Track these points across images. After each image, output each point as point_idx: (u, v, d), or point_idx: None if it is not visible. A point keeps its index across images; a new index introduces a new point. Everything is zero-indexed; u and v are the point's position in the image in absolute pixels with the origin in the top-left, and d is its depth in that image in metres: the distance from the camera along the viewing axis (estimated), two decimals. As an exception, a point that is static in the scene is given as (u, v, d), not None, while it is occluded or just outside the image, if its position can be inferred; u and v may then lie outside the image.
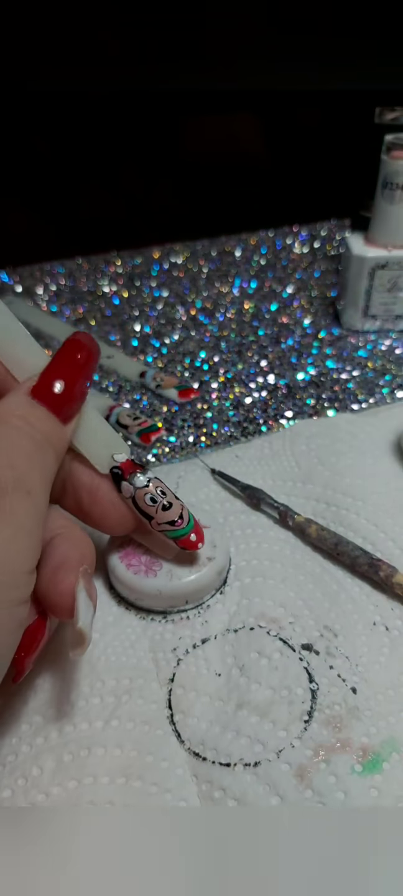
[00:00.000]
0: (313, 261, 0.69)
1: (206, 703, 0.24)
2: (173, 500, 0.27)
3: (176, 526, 0.26)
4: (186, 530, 0.26)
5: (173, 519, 0.26)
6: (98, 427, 0.26)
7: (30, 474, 0.21)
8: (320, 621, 0.27)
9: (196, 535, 0.27)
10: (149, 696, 0.24)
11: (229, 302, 0.60)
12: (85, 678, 0.25)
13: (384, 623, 0.27)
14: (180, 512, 0.27)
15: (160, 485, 0.27)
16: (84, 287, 0.66)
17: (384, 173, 0.48)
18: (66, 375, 0.24)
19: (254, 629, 0.27)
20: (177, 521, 0.26)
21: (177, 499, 0.27)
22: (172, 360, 0.51)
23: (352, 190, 0.64)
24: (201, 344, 0.53)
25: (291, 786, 0.21)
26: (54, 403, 0.23)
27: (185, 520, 0.27)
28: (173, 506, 0.26)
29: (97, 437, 0.26)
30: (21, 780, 0.22)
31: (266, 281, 0.65)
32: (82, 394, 0.25)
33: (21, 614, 0.20)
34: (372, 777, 0.21)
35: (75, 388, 0.24)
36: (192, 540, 0.27)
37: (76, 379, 0.24)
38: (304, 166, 1.30)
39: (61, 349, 0.24)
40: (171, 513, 0.26)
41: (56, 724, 0.23)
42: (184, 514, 0.27)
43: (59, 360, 0.24)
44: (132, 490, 0.26)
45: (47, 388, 0.23)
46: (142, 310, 0.60)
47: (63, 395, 0.23)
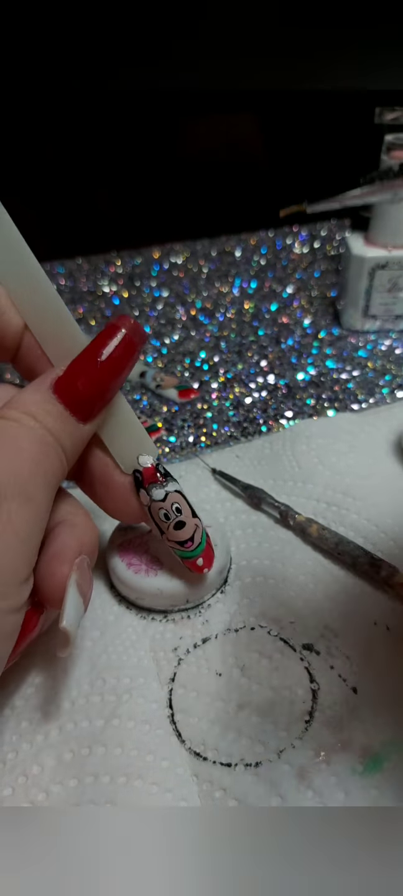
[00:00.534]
0: (313, 261, 0.69)
1: (207, 703, 0.24)
2: (188, 518, 0.26)
3: (185, 547, 0.26)
4: (194, 553, 0.26)
5: (183, 539, 0.25)
6: (127, 423, 0.25)
7: (33, 480, 0.20)
8: (321, 621, 0.27)
9: (203, 560, 0.26)
10: (150, 695, 0.24)
11: (229, 302, 0.60)
12: (86, 676, 0.25)
13: (385, 623, 0.27)
14: (192, 534, 0.26)
15: (178, 500, 0.25)
16: (84, 287, 0.66)
17: (384, 173, 0.48)
18: (95, 372, 0.22)
19: (255, 629, 0.26)
20: (187, 542, 0.26)
21: (195, 517, 0.26)
22: (172, 360, 0.51)
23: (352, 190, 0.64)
24: (201, 344, 0.53)
25: (292, 786, 0.21)
26: (75, 402, 0.22)
27: (196, 542, 0.26)
28: (186, 526, 0.25)
29: (125, 433, 0.25)
30: (21, 779, 0.22)
31: (266, 281, 0.65)
32: (112, 392, 0.23)
33: (13, 623, 0.20)
34: (373, 777, 0.21)
35: (103, 388, 0.22)
36: (198, 564, 0.26)
37: (106, 378, 0.22)
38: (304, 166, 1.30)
39: (97, 339, 0.23)
40: (182, 533, 0.25)
41: (56, 722, 0.23)
42: (195, 537, 0.26)
43: (91, 353, 0.22)
44: (148, 501, 0.25)
45: (71, 385, 0.22)
46: (142, 310, 0.60)
47: (86, 395, 0.22)
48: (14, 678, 0.25)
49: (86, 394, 0.22)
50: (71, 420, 0.22)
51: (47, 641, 0.25)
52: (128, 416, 0.25)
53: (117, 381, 0.23)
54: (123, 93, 1.14)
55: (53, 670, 0.25)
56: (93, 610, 0.28)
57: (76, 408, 0.22)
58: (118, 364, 0.22)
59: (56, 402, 0.21)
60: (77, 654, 0.26)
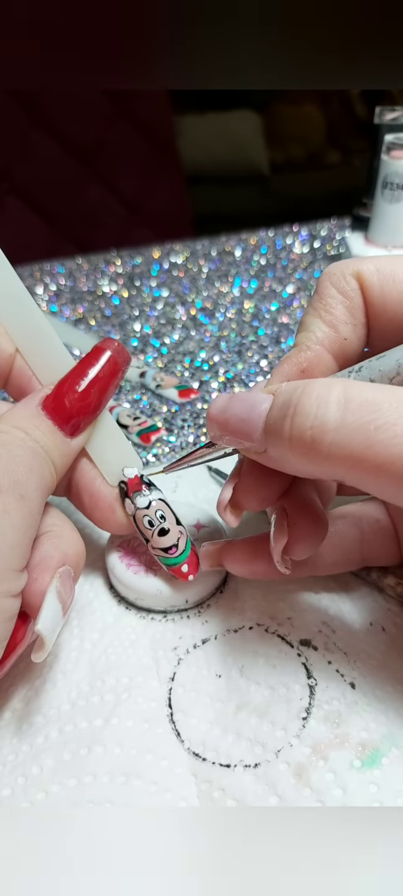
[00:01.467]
0: (313, 261, 0.69)
1: (207, 704, 0.24)
2: (172, 525, 0.26)
3: (169, 553, 0.26)
4: (178, 560, 0.26)
5: (167, 546, 0.26)
6: (112, 437, 0.26)
7: (26, 482, 0.21)
8: (318, 617, 0.27)
9: (188, 567, 0.26)
10: (149, 694, 0.24)
11: (229, 302, 0.61)
12: (85, 678, 0.25)
13: (380, 623, 0.27)
14: (176, 540, 0.26)
15: (161, 507, 0.26)
16: (84, 287, 0.66)
17: (384, 173, 0.48)
18: (82, 390, 0.24)
19: (253, 628, 0.27)
20: (171, 548, 0.26)
21: (179, 524, 0.27)
22: (172, 360, 0.51)
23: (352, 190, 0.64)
24: (201, 344, 0.53)
25: (290, 785, 0.21)
26: (63, 418, 0.23)
27: (180, 549, 0.26)
28: (170, 532, 0.26)
29: (110, 448, 0.26)
30: (21, 779, 0.22)
31: (266, 281, 0.65)
32: (97, 409, 0.24)
33: (10, 608, 0.20)
34: (371, 772, 0.21)
35: (89, 405, 0.24)
36: (183, 571, 0.26)
37: (92, 395, 0.24)
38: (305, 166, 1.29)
39: (84, 360, 0.24)
40: (166, 539, 0.26)
41: (56, 724, 0.23)
42: (179, 543, 0.26)
43: (78, 373, 0.24)
44: (133, 509, 0.26)
45: (58, 402, 0.23)
46: (142, 310, 0.60)
47: (73, 411, 0.23)
48: (14, 681, 0.25)
49: (73, 411, 0.23)
50: (59, 435, 0.23)
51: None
52: (113, 431, 0.26)
53: (102, 400, 0.24)
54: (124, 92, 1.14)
55: (53, 673, 0.25)
56: (92, 611, 0.28)
57: (64, 423, 0.23)
58: (103, 384, 0.24)
59: (45, 417, 0.23)
60: (77, 656, 0.26)
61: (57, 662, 0.26)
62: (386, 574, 0.27)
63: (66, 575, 0.23)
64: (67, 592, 0.23)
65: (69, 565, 0.23)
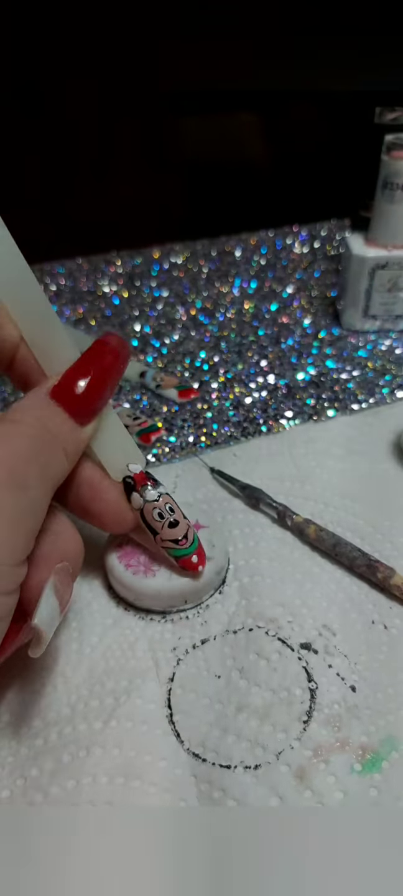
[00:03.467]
0: (313, 261, 0.69)
1: (206, 704, 0.24)
2: (180, 518, 0.27)
3: (179, 545, 0.26)
4: (189, 551, 0.27)
5: (177, 538, 0.26)
6: (116, 433, 0.26)
7: (27, 471, 0.21)
8: (318, 620, 0.27)
9: (198, 557, 0.27)
10: (148, 695, 0.24)
11: (229, 302, 0.60)
12: (84, 682, 0.25)
13: (382, 622, 0.27)
14: (185, 531, 0.27)
15: (169, 501, 0.27)
16: (84, 287, 0.66)
17: (384, 173, 0.48)
18: (89, 379, 0.24)
19: (253, 630, 0.26)
20: (181, 540, 0.26)
21: (185, 518, 0.27)
22: (172, 360, 0.51)
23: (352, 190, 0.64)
24: (201, 344, 0.53)
25: (291, 787, 0.21)
26: (72, 406, 0.23)
27: (190, 540, 0.27)
28: (179, 524, 0.27)
29: (114, 443, 0.26)
30: (20, 781, 0.22)
31: (266, 281, 0.65)
32: (104, 398, 0.25)
33: (5, 605, 0.20)
34: (372, 776, 0.21)
35: (97, 393, 0.24)
36: (193, 561, 0.27)
37: (99, 383, 0.24)
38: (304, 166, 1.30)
39: (89, 350, 0.25)
40: (177, 531, 0.26)
41: (55, 727, 0.23)
42: (188, 535, 0.27)
43: (85, 362, 0.24)
44: (142, 502, 0.26)
45: (67, 390, 0.23)
46: (142, 310, 0.60)
47: (82, 399, 0.23)
48: (13, 684, 0.25)
49: (83, 397, 0.23)
50: (70, 423, 0.23)
51: (47, 650, 0.25)
52: (117, 427, 0.26)
53: (108, 389, 0.25)
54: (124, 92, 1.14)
55: (53, 677, 0.25)
56: (91, 612, 0.28)
57: (75, 410, 0.23)
58: (108, 372, 0.24)
59: (55, 405, 0.23)
60: (76, 659, 0.26)
61: (56, 666, 0.26)
62: (393, 574, 0.27)
63: (65, 572, 0.23)
64: (65, 589, 0.22)
65: (68, 563, 0.23)
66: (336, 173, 0.82)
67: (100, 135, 1.17)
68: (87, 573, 0.30)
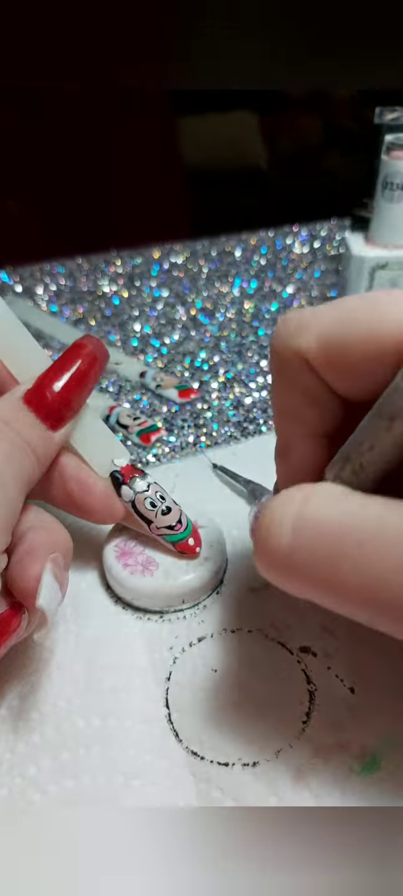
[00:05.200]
0: (313, 261, 0.69)
1: (203, 699, 0.24)
2: (172, 504, 0.27)
3: (175, 530, 0.27)
4: (185, 534, 0.27)
5: (172, 523, 0.27)
6: (98, 431, 0.26)
7: (5, 471, 0.21)
8: (318, 622, 0.27)
9: (194, 540, 0.27)
10: (147, 695, 0.24)
11: (229, 302, 0.60)
12: (82, 675, 0.25)
13: (382, 623, 0.26)
14: (179, 516, 0.27)
15: (159, 489, 0.27)
16: (84, 287, 0.66)
17: (384, 173, 0.48)
18: (62, 384, 0.24)
19: (252, 632, 0.26)
20: (176, 525, 0.27)
21: (175, 503, 0.27)
22: (172, 360, 0.51)
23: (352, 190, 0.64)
24: (201, 344, 0.53)
25: (289, 786, 0.21)
26: (44, 411, 0.23)
27: (184, 524, 0.27)
28: (172, 510, 0.27)
29: (97, 441, 0.26)
30: (18, 779, 0.22)
31: (266, 281, 0.65)
32: (78, 403, 0.25)
33: None
34: (371, 777, 0.21)
35: (70, 398, 0.24)
36: (190, 544, 0.27)
37: (72, 388, 0.24)
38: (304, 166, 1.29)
39: (63, 355, 0.25)
40: (170, 517, 0.27)
41: (53, 723, 0.23)
42: (182, 519, 0.27)
43: (58, 367, 0.24)
44: (132, 494, 0.26)
45: (39, 396, 0.24)
46: (142, 310, 0.60)
47: (54, 404, 0.24)
48: (9, 677, 0.25)
49: (54, 403, 0.24)
50: (41, 427, 0.23)
51: (43, 643, 0.25)
52: (97, 426, 0.27)
53: (83, 394, 0.25)
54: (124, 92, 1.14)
55: (49, 669, 0.25)
56: (89, 610, 0.28)
57: (46, 416, 0.24)
58: (83, 377, 0.25)
59: (27, 410, 0.23)
60: (73, 653, 0.26)
61: (53, 657, 0.26)
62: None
63: (59, 561, 0.23)
64: (62, 574, 0.23)
65: (58, 552, 0.23)
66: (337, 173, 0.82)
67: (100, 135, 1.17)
68: (85, 571, 0.30)
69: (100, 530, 0.31)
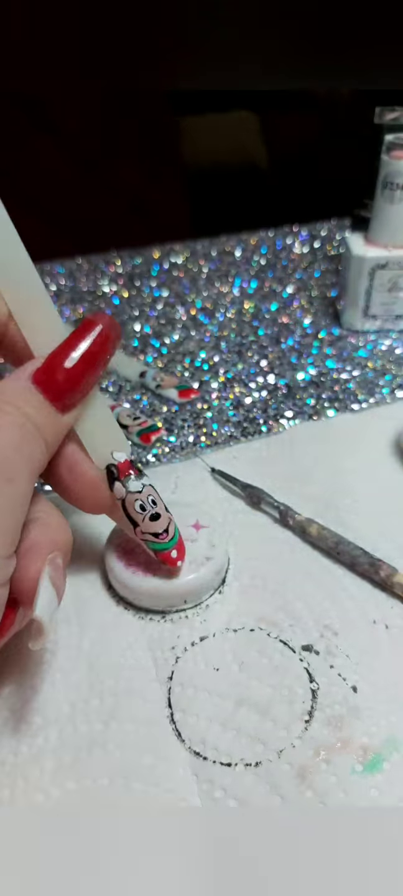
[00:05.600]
0: (313, 261, 0.69)
1: (205, 698, 0.24)
2: (162, 511, 0.26)
3: (159, 539, 0.26)
4: (168, 545, 0.26)
5: (158, 531, 0.26)
6: (103, 419, 0.25)
7: (14, 462, 0.21)
8: (320, 621, 0.27)
9: (177, 553, 0.26)
10: (149, 695, 0.24)
11: (229, 302, 0.60)
12: (84, 679, 0.25)
13: (384, 621, 0.26)
14: (166, 525, 0.26)
15: (152, 493, 0.26)
16: (84, 287, 0.66)
17: (384, 173, 0.48)
18: (74, 364, 0.23)
19: (254, 630, 0.26)
20: (162, 534, 0.26)
21: (167, 511, 0.26)
22: (172, 360, 0.50)
23: (352, 190, 0.64)
24: (201, 344, 0.53)
25: (292, 786, 0.21)
26: (54, 393, 0.22)
27: (170, 534, 0.26)
28: (161, 517, 0.26)
29: (100, 429, 0.25)
30: (21, 781, 0.22)
31: (266, 281, 0.65)
32: (89, 385, 0.24)
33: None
34: (373, 777, 0.21)
35: (81, 380, 0.23)
36: (172, 556, 0.26)
37: (84, 369, 0.23)
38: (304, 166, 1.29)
39: (75, 333, 0.23)
40: (157, 524, 0.26)
41: (56, 725, 0.23)
42: (169, 529, 0.26)
43: (69, 346, 0.23)
44: (124, 492, 0.25)
45: (50, 376, 0.22)
46: (142, 310, 0.60)
47: (65, 385, 0.23)
48: (12, 680, 0.25)
49: (64, 385, 0.23)
50: (51, 410, 0.22)
51: (46, 646, 0.25)
52: (104, 413, 0.25)
53: (94, 374, 0.24)
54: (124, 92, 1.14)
55: (52, 671, 0.25)
56: (91, 610, 0.28)
57: (55, 398, 0.22)
58: (95, 357, 0.23)
59: (36, 391, 0.22)
60: (75, 655, 0.26)
61: (55, 661, 0.25)
62: (396, 573, 0.27)
63: (58, 561, 0.22)
64: (60, 579, 0.22)
65: (58, 552, 0.22)
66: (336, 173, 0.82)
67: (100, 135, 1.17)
68: (87, 572, 0.30)
69: (101, 530, 0.31)
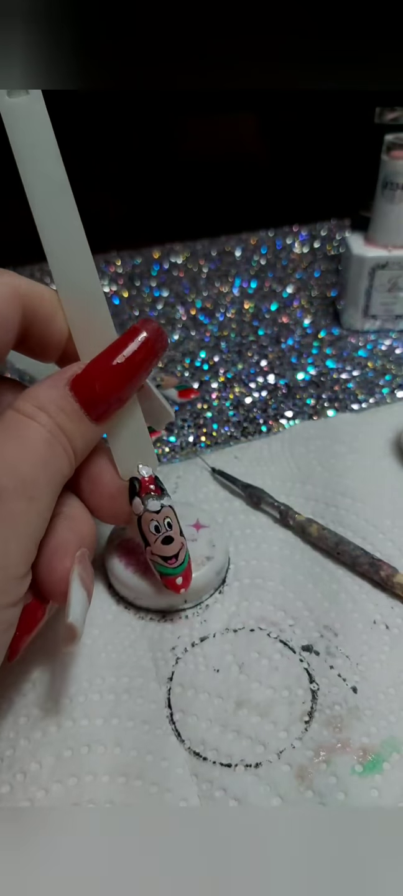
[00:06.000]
0: (313, 261, 0.69)
1: (205, 700, 0.24)
2: (176, 535, 0.25)
3: (167, 563, 0.25)
4: (175, 571, 0.26)
5: (167, 555, 0.25)
6: (135, 430, 0.24)
7: (37, 480, 0.20)
8: (320, 621, 0.27)
9: (182, 579, 0.26)
10: (149, 695, 0.24)
11: (229, 302, 0.60)
12: (84, 673, 0.25)
13: (384, 621, 0.26)
14: (177, 552, 0.25)
15: (170, 515, 0.25)
16: (84, 287, 0.66)
17: (384, 173, 0.48)
18: (114, 375, 0.22)
19: (254, 631, 0.26)
20: (171, 559, 0.25)
21: (181, 535, 0.26)
22: (172, 360, 0.51)
23: (352, 190, 0.64)
24: (201, 344, 0.53)
25: (292, 786, 0.21)
26: (90, 402, 0.22)
27: (179, 560, 0.26)
28: (174, 542, 0.25)
29: (131, 440, 0.24)
30: (19, 776, 0.22)
31: (266, 281, 0.65)
32: (126, 395, 0.23)
33: (10, 617, 0.20)
34: (373, 777, 0.21)
35: (118, 390, 0.22)
36: (177, 583, 0.26)
37: (122, 381, 0.22)
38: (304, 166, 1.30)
39: (118, 341, 0.22)
40: (168, 549, 0.25)
41: (55, 719, 0.23)
42: (179, 555, 0.26)
43: (112, 354, 0.22)
44: (142, 510, 0.24)
45: (87, 384, 0.22)
46: (142, 310, 0.60)
47: (103, 395, 0.22)
48: (12, 673, 0.25)
49: (102, 395, 0.22)
50: (84, 419, 0.22)
51: (45, 637, 0.25)
52: (137, 424, 0.24)
53: (134, 385, 0.23)
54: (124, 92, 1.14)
55: (51, 667, 0.25)
56: (91, 608, 0.28)
57: (91, 407, 0.22)
58: (136, 368, 0.22)
59: (72, 399, 0.21)
60: (75, 651, 0.26)
61: (55, 656, 0.25)
62: (396, 573, 0.27)
63: (85, 558, 0.22)
64: (89, 576, 0.22)
65: (85, 546, 0.22)
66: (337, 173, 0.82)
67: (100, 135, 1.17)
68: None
69: (101, 530, 0.31)
